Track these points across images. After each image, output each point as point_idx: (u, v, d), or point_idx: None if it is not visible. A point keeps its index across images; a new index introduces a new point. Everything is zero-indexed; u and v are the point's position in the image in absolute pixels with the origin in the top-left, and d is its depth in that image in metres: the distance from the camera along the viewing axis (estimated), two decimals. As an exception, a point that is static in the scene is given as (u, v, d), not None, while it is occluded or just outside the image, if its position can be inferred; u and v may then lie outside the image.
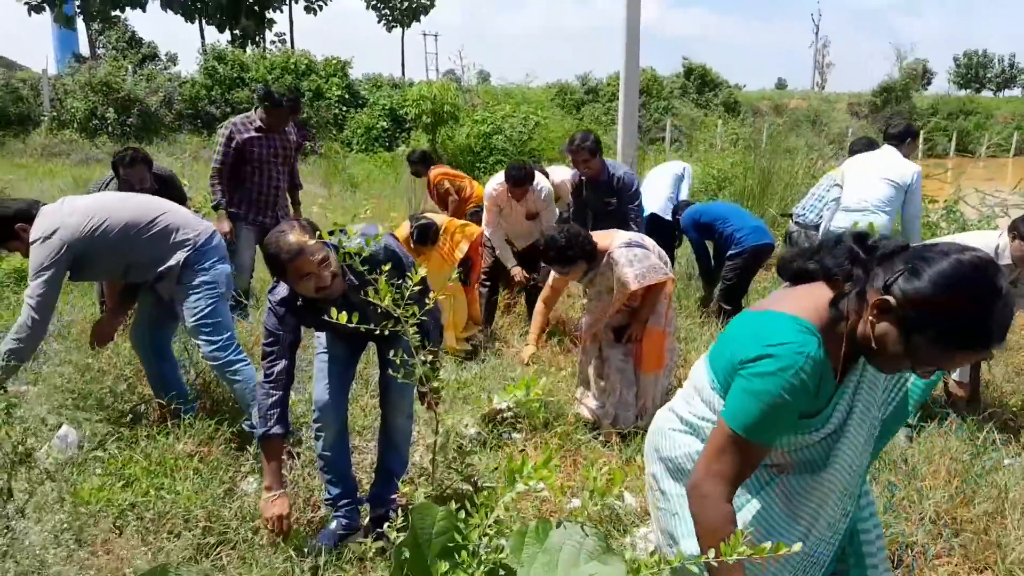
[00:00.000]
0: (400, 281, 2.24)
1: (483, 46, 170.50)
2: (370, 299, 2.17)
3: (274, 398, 2.56)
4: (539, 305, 4.51)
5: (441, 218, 5.29)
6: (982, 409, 3.90)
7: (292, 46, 35.44)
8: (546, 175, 5.69)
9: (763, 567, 1.56)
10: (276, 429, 2.55)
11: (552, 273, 4.16)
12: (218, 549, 2.59)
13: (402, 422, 2.97)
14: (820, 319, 1.46)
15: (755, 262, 5.60)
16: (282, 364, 2.58)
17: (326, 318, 2.49)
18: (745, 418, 1.45)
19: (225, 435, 3.41)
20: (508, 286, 5.85)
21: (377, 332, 2.19)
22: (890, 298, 1.35)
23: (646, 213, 5.81)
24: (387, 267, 2.23)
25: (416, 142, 18.66)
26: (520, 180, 5.10)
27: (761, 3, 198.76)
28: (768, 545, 1.29)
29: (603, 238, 3.78)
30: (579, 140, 5.02)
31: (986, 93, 65.13)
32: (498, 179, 5.31)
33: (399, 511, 1.80)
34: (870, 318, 1.38)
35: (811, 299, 1.49)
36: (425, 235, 4.92)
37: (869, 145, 5.41)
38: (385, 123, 20.95)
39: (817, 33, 55.83)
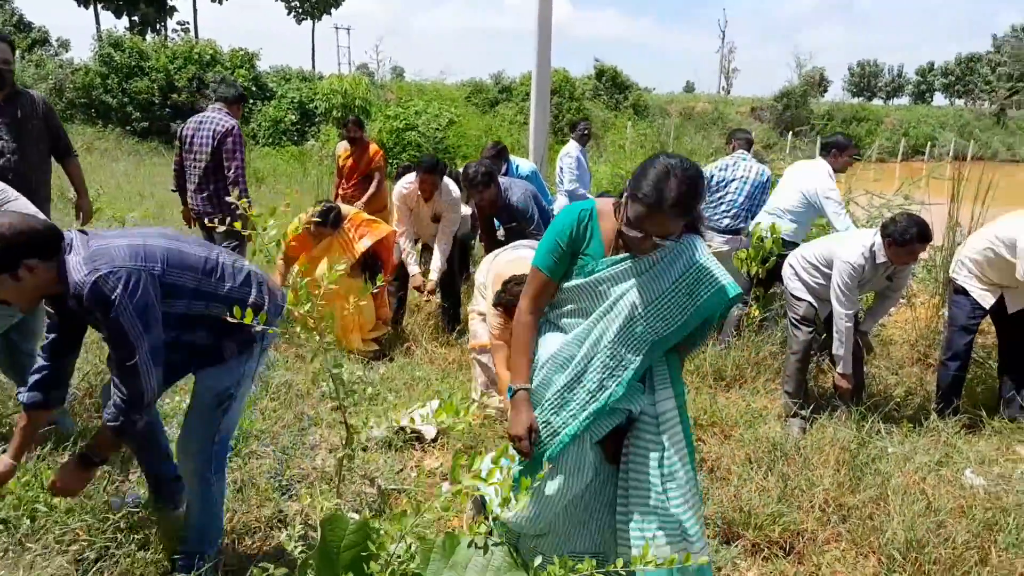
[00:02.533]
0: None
1: (397, 41, 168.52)
2: None
3: (37, 365, 2.34)
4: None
5: (349, 208, 5.16)
6: (867, 400, 4.09)
7: (196, 35, 34.08)
8: (459, 183, 5.69)
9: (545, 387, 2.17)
10: (23, 396, 2.34)
11: (492, 324, 3.75)
12: (98, 565, 2.43)
13: (188, 479, 2.50)
14: (606, 204, 2.15)
15: None
16: (52, 336, 2.33)
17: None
18: (538, 252, 2.17)
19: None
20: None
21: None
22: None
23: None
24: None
25: (326, 136, 18.28)
26: (431, 167, 5.07)
27: (671, 8, 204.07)
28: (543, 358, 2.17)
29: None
30: (472, 175, 4.70)
31: (877, 101, 68.93)
32: (408, 179, 5.27)
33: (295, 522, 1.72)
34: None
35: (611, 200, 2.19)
36: (326, 216, 4.77)
37: (749, 142, 5.69)
38: (294, 116, 20.42)
39: (723, 39, 57.86)
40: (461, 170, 5.17)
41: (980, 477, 3.43)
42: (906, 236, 3.71)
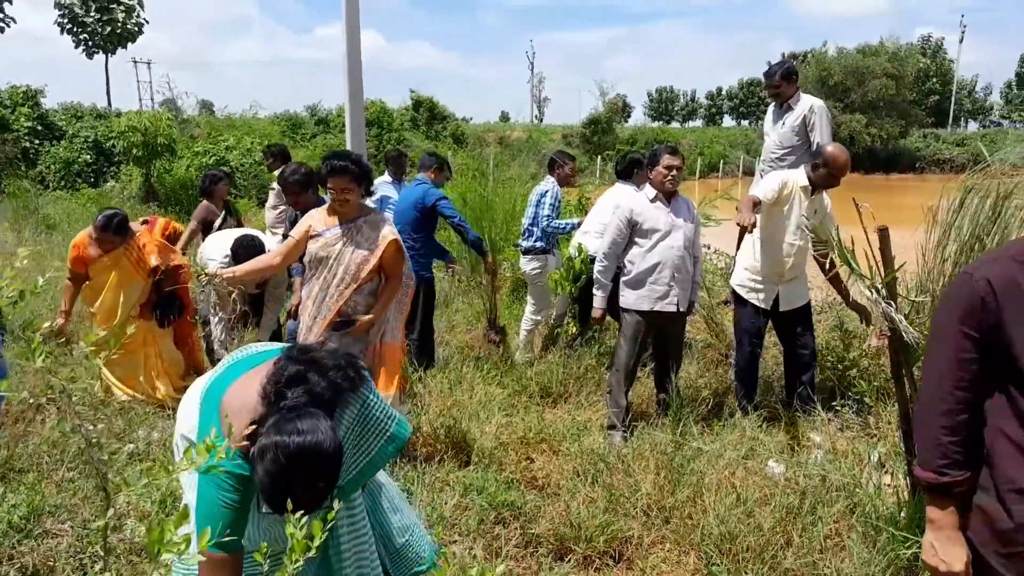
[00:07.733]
0: None
1: (204, 76, 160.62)
2: None
3: None
4: None
5: (139, 228, 4.79)
6: (681, 404, 4.32)
7: (-35, 70, 30.61)
8: None
9: None
10: None
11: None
12: None
13: None
14: (232, 401, 1.91)
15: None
16: None
17: None
18: (202, 520, 1.85)
19: None
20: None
21: None
22: None
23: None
24: None
25: (128, 176, 17.01)
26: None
27: (479, 40, 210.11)
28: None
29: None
30: (288, 174, 4.69)
31: (675, 124, 74.74)
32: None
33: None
34: None
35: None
36: (108, 222, 4.42)
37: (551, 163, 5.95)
38: (89, 157, 18.82)
39: (532, 69, 60.36)
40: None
41: (781, 465, 3.74)
42: (653, 154, 4.27)
